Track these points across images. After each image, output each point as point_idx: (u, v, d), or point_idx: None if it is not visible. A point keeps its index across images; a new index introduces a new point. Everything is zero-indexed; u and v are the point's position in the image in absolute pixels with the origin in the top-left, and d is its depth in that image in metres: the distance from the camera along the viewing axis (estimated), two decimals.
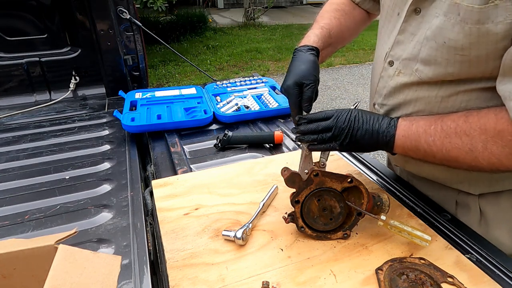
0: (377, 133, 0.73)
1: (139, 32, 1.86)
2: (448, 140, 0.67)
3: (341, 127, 0.73)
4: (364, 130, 0.73)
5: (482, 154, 0.64)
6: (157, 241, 0.84)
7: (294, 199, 0.75)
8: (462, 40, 0.64)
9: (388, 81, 0.82)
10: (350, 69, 6.05)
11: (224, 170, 1.05)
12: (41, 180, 1.09)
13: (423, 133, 0.70)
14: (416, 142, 0.71)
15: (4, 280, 0.55)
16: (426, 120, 0.71)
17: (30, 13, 1.75)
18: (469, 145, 0.65)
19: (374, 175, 1.04)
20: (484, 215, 0.84)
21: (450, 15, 0.64)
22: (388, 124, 0.73)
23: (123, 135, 1.36)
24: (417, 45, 0.73)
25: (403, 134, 0.72)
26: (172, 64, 5.91)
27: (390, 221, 0.73)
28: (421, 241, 0.70)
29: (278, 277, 0.69)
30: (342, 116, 0.74)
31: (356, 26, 1.02)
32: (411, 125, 0.72)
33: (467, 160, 0.67)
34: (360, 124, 0.73)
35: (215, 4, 10.17)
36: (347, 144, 0.74)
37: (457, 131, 0.66)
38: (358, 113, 0.74)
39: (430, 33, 0.69)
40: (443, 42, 0.67)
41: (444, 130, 0.68)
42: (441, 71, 0.70)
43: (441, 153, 0.69)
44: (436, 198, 0.91)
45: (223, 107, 1.46)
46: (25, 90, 1.81)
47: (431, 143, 0.69)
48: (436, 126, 0.69)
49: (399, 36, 0.78)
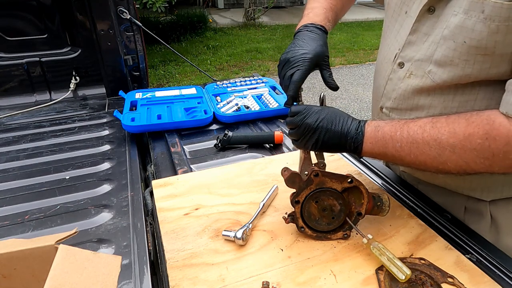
0: (345, 137, 0.71)
1: (139, 32, 1.86)
2: (415, 146, 0.66)
3: (307, 127, 0.71)
4: (332, 133, 0.71)
5: (450, 158, 0.63)
6: (157, 241, 0.84)
7: (294, 200, 0.75)
8: (486, 39, 0.61)
9: (398, 84, 0.79)
10: (350, 69, 6.05)
11: (224, 170, 1.05)
12: (41, 180, 1.09)
13: (390, 139, 0.69)
14: (383, 148, 0.70)
15: (4, 280, 0.55)
16: (391, 126, 0.69)
17: (30, 13, 1.75)
18: (437, 149, 0.64)
19: (374, 175, 1.04)
20: (495, 221, 0.83)
21: (472, 12, 0.61)
22: (356, 130, 0.71)
23: (123, 135, 1.36)
24: (432, 46, 0.71)
25: (371, 140, 0.70)
26: (172, 64, 5.91)
27: (374, 242, 0.71)
28: (398, 271, 0.65)
29: (278, 277, 0.69)
30: (310, 115, 0.72)
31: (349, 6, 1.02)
32: (377, 132, 0.70)
33: (434, 164, 0.66)
34: (329, 126, 0.71)
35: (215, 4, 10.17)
36: (314, 145, 0.72)
37: (424, 137, 0.65)
38: (327, 113, 0.72)
39: (448, 33, 0.66)
40: (463, 42, 0.64)
41: (411, 136, 0.66)
42: (457, 73, 0.68)
43: (409, 157, 0.68)
44: (443, 204, 0.89)
45: (223, 107, 1.46)
46: (25, 90, 1.81)
47: (398, 148, 0.68)
48: (402, 132, 0.67)
49: (411, 37, 0.75)
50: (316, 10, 0.89)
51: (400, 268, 0.65)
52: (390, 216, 0.81)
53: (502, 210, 0.82)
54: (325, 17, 0.87)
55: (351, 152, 0.73)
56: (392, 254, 0.68)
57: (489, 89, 0.69)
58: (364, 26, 8.45)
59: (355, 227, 0.75)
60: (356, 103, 4.72)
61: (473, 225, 0.83)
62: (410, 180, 0.99)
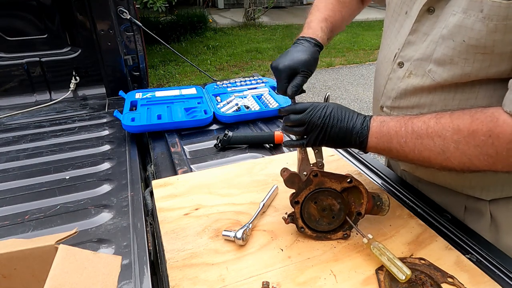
0: (351, 132, 0.71)
1: (140, 32, 1.86)
2: (419, 141, 0.67)
3: (315, 123, 0.72)
4: (338, 129, 0.71)
5: (454, 154, 0.64)
6: (157, 241, 0.84)
7: (294, 200, 0.75)
8: (485, 38, 0.61)
9: (398, 83, 0.80)
10: (350, 69, 6.05)
11: (224, 170, 1.05)
12: (41, 180, 1.09)
13: (395, 135, 0.69)
14: (388, 143, 0.70)
15: (4, 280, 0.55)
16: (396, 121, 0.70)
17: (30, 13, 1.75)
18: (441, 145, 0.64)
19: (374, 175, 1.04)
20: (495, 220, 0.83)
21: (471, 11, 0.62)
22: (362, 124, 0.72)
23: (123, 135, 1.36)
24: (431, 45, 0.71)
25: (376, 135, 0.71)
26: (172, 64, 5.91)
27: (374, 242, 0.71)
28: (398, 271, 0.65)
29: (278, 277, 0.69)
30: (316, 112, 0.72)
31: (352, 17, 1.02)
32: (382, 127, 0.71)
33: (438, 160, 0.66)
34: (335, 122, 0.71)
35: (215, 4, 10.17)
36: (320, 141, 0.73)
37: (428, 132, 0.66)
38: (333, 109, 0.73)
39: (447, 32, 0.67)
40: (462, 41, 0.64)
41: (415, 132, 0.67)
42: (457, 72, 0.68)
43: (413, 153, 0.68)
44: (443, 203, 0.89)
45: (223, 107, 1.46)
46: (25, 90, 1.81)
47: (403, 144, 0.68)
48: (406, 128, 0.68)
49: (411, 37, 0.76)
50: (310, 23, 0.91)
51: (400, 268, 0.65)
52: (390, 216, 0.81)
53: (502, 210, 0.82)
54: (318, 28, 0.89)
55: (356, 147, 0.74)
56: (392, 254, 0.68)
57: (489, 87, 0.69)
58: (364, 26, 8.45)
59: (355, 226, 0.75)
60: (356, 103, 4.72)
61: (472, 224, 0.83)
62: (411, 179, 0.99)
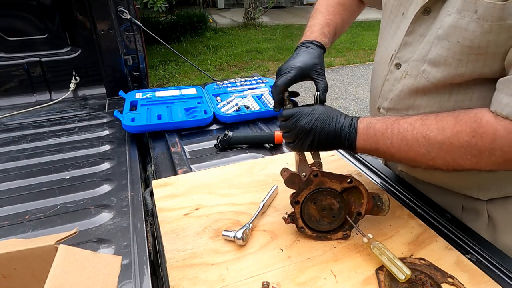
0: (339, 136, 0.72)
1: (140, 32, 1.86)
2: (405, 142, 0.67)
3: (301, 129, 0.72)
4: (326, 133, 0.72)
5: (438, 155, 0.65)
6: (157, 241, 0.84)
7: (294, 200, 0.75)
8: (479, 38, 0.62)
9: (395, 84, 0.80)
10: (350, 69, 6.05)
11: (224, 170, 1.05)
12: (41, 180, 1.09)
13: (381, 136, 0.70)
14: (375, 144, 0.71)
15: (4, 280, 0.56)
16: (383, 123, 0.71)
17: (30, 13, 1.75)
18: (426, 146, 0.65)
19: (374, 175, 1.04)
20: (492, 220, 0.83)
21: (465, 12, 0.62)
22: (349, 127, 0.72)
23: (123, 135, 1.36)
24: (426, 46, 0.71)
25: (363, 137, 0.72)
26: (172, 64, 5.91)
27: (374, 242, 0.71)
28: (398, 271, 0.65)
29: (278, 277, 0.69)
30: (302, 118, 0.72)
31: (353, 19, 1.02)
32: (369, 129, 0.71)
33: (424, 160, 0.67)
34: (323, 126, 0.72)
35: (215, 4, 10.17)
36: (309, 146, 0.73)
37: (413, 133, 0.66)
38: (320, 114, 0.72)
39: (442, 32, 0.67)
40: (457, 42, 0.65)
41: (401, 133, 0.68)
42: (451, 72, 0.69)
43: (399, 154, 0.69)
44: (441, 203, 0.89)
45: (223, 107, 1.46)
46: (25, 90, 1.81)
47: (389, 145, 0.69)
48: (392, 129, 0.69)
49: (407, 38, 0.76)
50: (313, 27, 0.91)
51: (400, 268, 0.65)
52: (390, 216, 0.81)
53: (499, 209, 0.82)
54: (321, 33, 0.89)
55: (346, 149, 0.74)
56: (392, 254, 0.68)
57: (483, 88, 0.69)
58: (364, 26, 8.45)
59: (356, 226, 0.75)
60: (356, 103, 4.72)
61: (470, 224, 0.83)
62: (408, 179, 0.99)
